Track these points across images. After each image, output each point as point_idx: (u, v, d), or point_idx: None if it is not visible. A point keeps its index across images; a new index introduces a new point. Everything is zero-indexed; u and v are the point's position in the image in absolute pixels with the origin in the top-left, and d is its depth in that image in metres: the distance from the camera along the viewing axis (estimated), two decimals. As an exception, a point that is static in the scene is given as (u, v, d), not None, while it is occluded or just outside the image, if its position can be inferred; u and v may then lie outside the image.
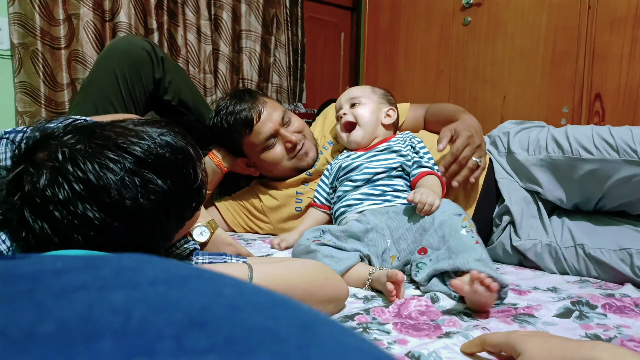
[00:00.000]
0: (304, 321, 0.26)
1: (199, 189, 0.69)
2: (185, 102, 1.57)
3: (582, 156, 1.18)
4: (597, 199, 1.22)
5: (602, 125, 1.22)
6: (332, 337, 0.25)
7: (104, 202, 0.57)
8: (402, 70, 2.66)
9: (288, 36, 2.72)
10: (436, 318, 0.83)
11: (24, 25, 1.80)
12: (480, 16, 2.29)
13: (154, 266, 0.30)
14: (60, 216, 0.56)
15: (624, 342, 0.73)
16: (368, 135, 1.36)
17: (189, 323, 0.23)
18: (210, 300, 0.26)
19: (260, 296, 0.28)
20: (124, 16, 1.99)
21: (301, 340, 0.23)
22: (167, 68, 1.49)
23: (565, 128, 1.26)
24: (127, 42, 1.46)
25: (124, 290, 0.26)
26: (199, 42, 2.32)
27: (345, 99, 1.43)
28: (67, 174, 0.57)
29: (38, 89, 1.83)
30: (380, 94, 1.45)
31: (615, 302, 0.90)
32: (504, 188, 1.31)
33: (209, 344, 0.22)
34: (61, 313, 0.23)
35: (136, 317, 0.23)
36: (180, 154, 0.65)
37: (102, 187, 0.57)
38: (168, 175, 0.62)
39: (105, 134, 0.62)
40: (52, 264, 0.30)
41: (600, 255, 1.10)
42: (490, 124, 2.12)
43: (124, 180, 0.58)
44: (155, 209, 0.61)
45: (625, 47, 1.84)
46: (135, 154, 0.60)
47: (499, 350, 0.65)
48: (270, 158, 1.47)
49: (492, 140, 1.43)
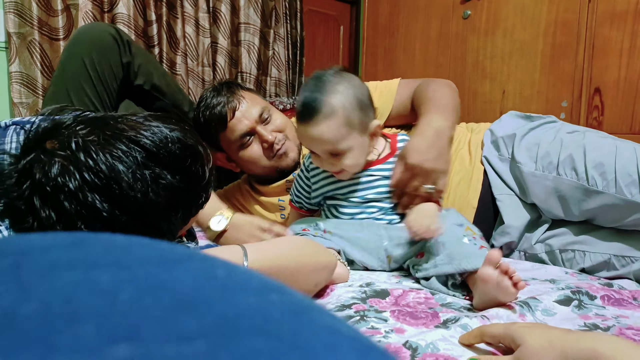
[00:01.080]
0: (297, 307, 0.25)
1: (206, 186, 0.69)
2: (159, 87, 1.52)
3: (599, 188, 1.05)
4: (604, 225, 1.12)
5: (625, 143, 1.09)
6: (325, 324, 0.24)
7: (113, 194, 0.57)
8: (401, 63, 2.66)
9: (287, 29, 2.70)
10: (434, 306, 0.83)
11: (20, 14, 1.78)
12: (479, 10, 2.28)
13: (146, 246, 0.29)
14: (69, 206, 0.55)
15: (622, 331, 0.73)
16: (359, 168, 1.12)
17: (178, 306, 0.22)
18: (201, 282, 0.25)
19: (253, 280, 0.28)
20: (123, 7, 1.98)
21: (294, 325, 0.23)
22: (135, 52, 1.44)
23: (583, 141, 1.12)
24: (91, 28, 1.42)
25: (112, 270, 0.25)
26: (197, 35, 2.30)
27: (316, 146, 1.06)
28: (79, 164, 0.56)
29: (35, 79, 1.82)
30: (357, 117, 1.03)
31: (613, 294, 0.90)
32: (504, 207, 1.20)
33: (198, 328, 0.21)
34: (45, 293, 0.23)
35: (123, 298, 0.22)
36: (190, 151, 0.65)
37: (113, 179, 0.57)
38: (178, 172, 0.63)
39: (118, 127, 0.61)
40: (41, 240, 0.29)
41: (600, 259, 1.08)
42: (490, 118, 2.11)
43: (135, 173, 0.58)
44: (164, 204, 0.61)
45: (625, 42, 1.83)
46: (147, 147, 0.60)
47: (498, 341, 0.64)
48: (247, 156, 1.40)
49: (493, 139, 1.29)
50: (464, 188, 1.25)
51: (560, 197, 1.12)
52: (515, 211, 1.20)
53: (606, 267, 1.07)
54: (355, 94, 1.04)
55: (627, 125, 1.84)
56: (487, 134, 1.31)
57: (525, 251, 1.20)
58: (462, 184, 1.26)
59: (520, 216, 1.19)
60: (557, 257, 1.14)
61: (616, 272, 1.05)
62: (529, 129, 1.24)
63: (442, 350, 0.65)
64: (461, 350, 0.66)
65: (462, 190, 1.25)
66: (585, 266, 1.09)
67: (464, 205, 1.23)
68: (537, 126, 1.25)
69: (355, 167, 1.09)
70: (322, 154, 1.06)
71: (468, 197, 1.24)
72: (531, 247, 1.18)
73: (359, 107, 1.04)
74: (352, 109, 1.02)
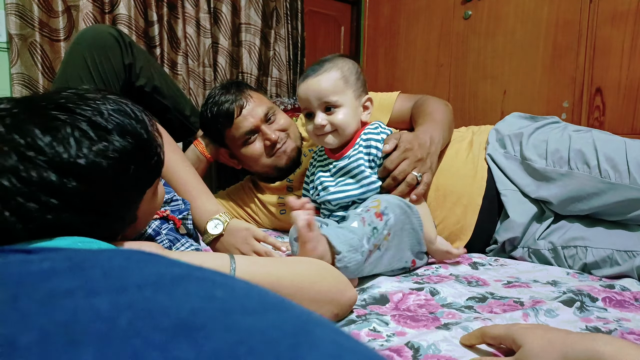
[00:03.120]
0: (296, 323, 0.25)
1: (155, 150, 0.66)
2: (160, 89, 1.55)
3: (612, 180, 1.07)
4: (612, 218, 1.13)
5: (634, 140, 1.10)
6: (325, 338, 0.24)
7: (56, 162, 0.54)
8: (402, 64, 2.65)
9: (288, 30, 2.70)
10: (435, 310, 0.83)
11: (21, 16, 1.78)
12: (480, 10, 2.28)
13: (144, 266, 0.29)
14: (9, 184, 0.52)
15: (624, 335, 0.73)
16: (345, 140, 1.20)
17: (177, 329, 0.22)
18: (200, 303, 0.25)
19: (252, 298, 0.27)
20: (124, 8, 1.98)
21: (293, 342, 0.23)
22: (136, 54, 1.46)
23: (592, 137, 1.14)
24: (93, 30, 1.43)
25: (111, 295, 0.25)
26: (198, 35, 2.31)
27: (314, 96, 1.16)
28: (13, 143, 0.53)
29: (36, 80, 1.82)
30: (353, 80, 1.18)
31: (615, 296, 0.90)
32: (508, 202, 1.21)
33: (196, 354, 0.21)
34: (45, 321, 0.23)
35: (122, 323, 0.22)
36: (131, 115, 0.63)
37: (55, 150, 0.54)
38: (122, 134, 0.60)
39: (46, 97, 0.59)
40: (39, 265, 0.29)
41: (602, 254, 1.08)
42: (491, 118, 2.11)
43: (76, 137, 0.55)
44: (113, 167, 0.58)
45: (626, 42, 1.83)
46: (85, 114, 0.58)
47: (499, 342, 0.64)
48: (249, 153, 1.46)
49: (499, 137, 1.31)
50: (468, 184, 1.27)
51: (572, 190, 1.13)
52: (520, 206, 1.21)
53: (608, 263, 1.07)
54: (353, 65, 1.20)
55: (629, 125, 1.84)
56: (492, 133, 1.34)
57: (529, 247, 1.20)
58: (466, 181, 1.27)
59: (524, 211, 1.20)
60: (560, 253, 1.15)
61: (618, 268, 1.05)
62: (535, 128, 1.26)
63: (444, 351, 0.65)
64: (462, 351, 0.66)
65: (466, 187, 1.26)
66: (588, 261, 1.10)
67: (469, 202, 1.25)
68: (542, 126, 1.27)
69: (346, 126, 1.17)
70: (317, 107, 1.16)
71: (473, 194, 1.26)
72: (535, 242, 1.19)
73: (355, 75, 1.19)
74: (349, 72, 1.18)
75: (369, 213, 1.00)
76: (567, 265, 1.14)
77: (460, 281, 1.00)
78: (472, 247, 1.26)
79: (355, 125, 1.19)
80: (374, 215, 1.00)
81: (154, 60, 1.65)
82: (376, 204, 1.03)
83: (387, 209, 1.02)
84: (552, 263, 1.16)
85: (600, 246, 1.09)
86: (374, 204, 1.03)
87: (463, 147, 1.35)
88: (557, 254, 1.15)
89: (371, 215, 1.00)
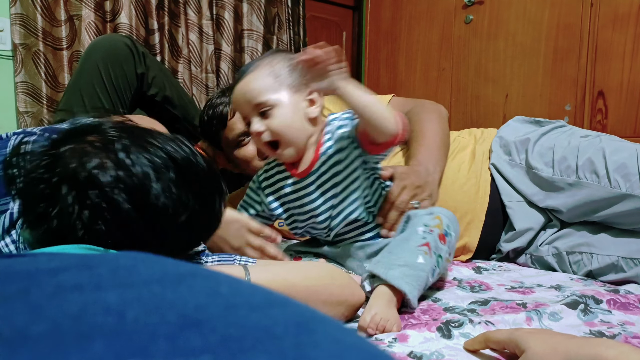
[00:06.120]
0: (300, 320, 0.25)
1: (218, 220, 0.68)
2: (171, 99, 1.56)
3: (623, 190, 1.04)
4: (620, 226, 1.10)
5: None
6: (329, 335, 0.24)
7: (140, 198, 0.56)
8: (403, 68, 2.66)
9: (290, 35, 2.71)
10: (438, 317, 0.83)
11: (25, 25, 1.80)
12: (482, 14, 2.28)
13: (150, 265, 0.30)
14: (94, 199, 0.54)
15: (628, 339, 0.73)
16: (301, 146, 1.02)
17: (184, 323, 0.23)
18: (205, 299, 0.26)
19: (257, 295, 0.28)
20: (125, 17, 1.99)
21: (298, 339, 0.23)
22: (149, 64, 1.48)
23: (601, 144, 1.10)
24: (107, 39, 1.46)
25: (119, 290, 0.26)
26: (200, 41, 2.32)
27: (243, 100, 0.99)
28: (118, 162, 0.56)
29: (40, 89, 1.83)
30: (286, 74, 0.99)
31: (619, 299, 0.89)
32: (514, 214, 1.18)
33: (203, 344, 0.21)
34: (55, 313, 0.23)
35: (130, 317, 0.23)
36: (213, 179, 0.65)
37: (145, 184, 0.56)
38: (199, 196, 0.62)
39: (153, 138, 0.62)
40: (47, 263, 0.30)
41: (607, 261, 1.06)
42: (493, 122, 2.11)
43: (165, 184, 0.58)
44: (180, 221, 0.60)
45: (628, 44, 1.83)
46: (179, 162, 0.60)
47: (502, 347, 0.64)
48: (242, 155, 1.46)
49: (503, 144, 1.27)
50: (472, 201, 1.24)
51: (580, 200, 1.10)
52: (526, 217, 1.19)
53: (614, 270, 1.06)
54: (285, 57, 1.01)
55: (631, 128, 1.83)
56: (496, 140, 1.30)
57: (531, 254, 1.19)
58: (469, 198, 1.24)
59: (531, 221, 1.18)
60: (565, 259, 1.13)
61: (624, 275, 1.04)
62: (540, 134, 1.22)
63: (447, 357, 0.65)
64: (466, 357, 0.66)
65: (470, 204, 1.24)
66: (593, 268, 1.08)
67: (472, 219, 1.23)
68: (548, 131, 1.23)
69: (286, 127, 0.98)
70: (251, 112, 0.99)
71: (476, 210, 1.23)
72: (537, 249, 1.18)
73: (288, 67, 0.99)
74: (279, 66, 0.99)
75: (433, 235, 0.90)
76: (571, 271, 1.12)
77: (463, 287, 1.00)
78: (475, 258, 1.26)
79: (300, 125, 1.01)
80: (437, 237, 0.90)
81: (167, 71, 1.67)
82: (438, 221, 0.92)
83: (450, 228, 0.93)
84: (556, 269, 1.15)
85: (606, 253, 1.07)
86: (435, 222, 0.92)
87: (465, 159, 1.31)
88: (562, 259, 1.14)
89: (435, 239, 0.90)
